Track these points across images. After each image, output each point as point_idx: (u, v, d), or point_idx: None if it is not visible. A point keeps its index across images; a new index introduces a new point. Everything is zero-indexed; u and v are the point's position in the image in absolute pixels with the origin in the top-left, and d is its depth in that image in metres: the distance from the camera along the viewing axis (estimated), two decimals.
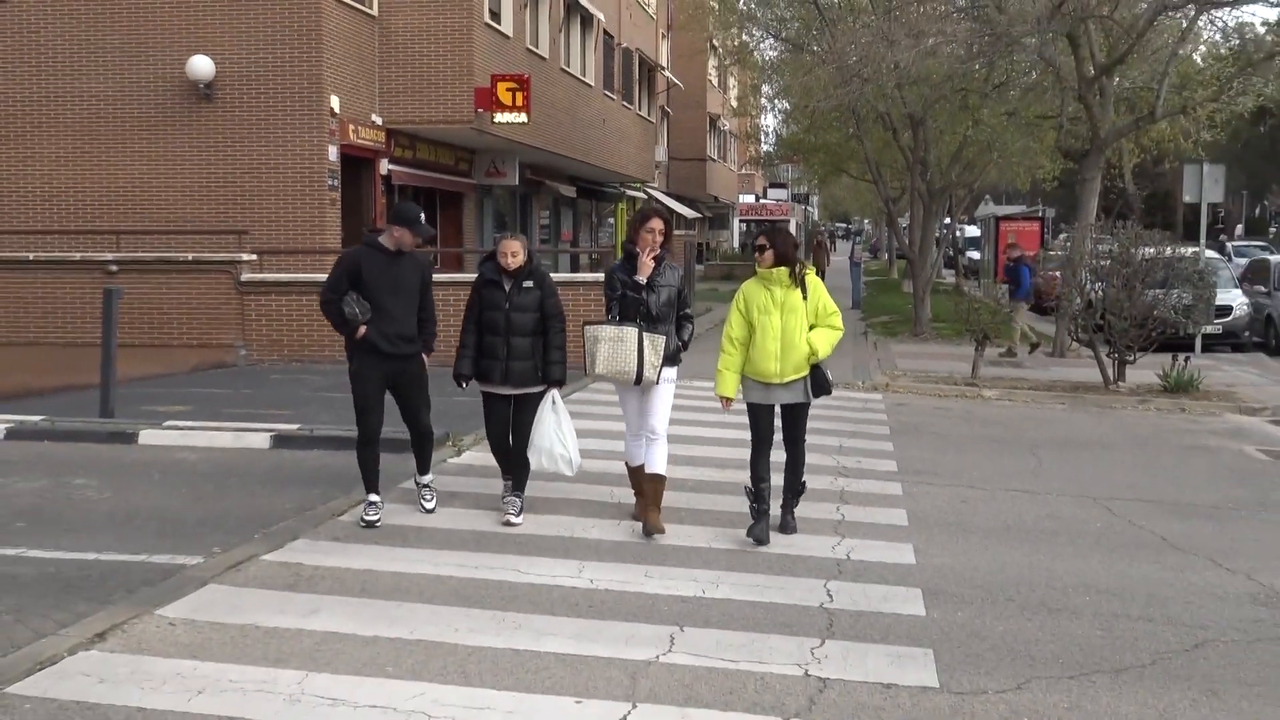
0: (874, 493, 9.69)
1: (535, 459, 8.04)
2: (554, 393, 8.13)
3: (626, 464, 8.41)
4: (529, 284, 8.13)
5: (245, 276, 17.59)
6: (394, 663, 5.59)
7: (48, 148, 19.94)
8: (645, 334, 7.82)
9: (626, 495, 8.62)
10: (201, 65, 19.12)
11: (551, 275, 8.76)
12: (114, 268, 14.29)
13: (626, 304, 7.96)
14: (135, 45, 19.59)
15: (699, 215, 57.15)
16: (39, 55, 19.89)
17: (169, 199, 19.60)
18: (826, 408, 13.76)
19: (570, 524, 8.17)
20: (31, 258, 18.66)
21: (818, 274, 8.55)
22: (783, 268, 7.77)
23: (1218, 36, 25.65)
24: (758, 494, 7.83)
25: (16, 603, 6.48)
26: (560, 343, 8.21)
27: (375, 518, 8.01)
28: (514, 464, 8.30)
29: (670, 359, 8.03)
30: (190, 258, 18.18)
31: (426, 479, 8.55)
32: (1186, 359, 16.71)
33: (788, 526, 8.02)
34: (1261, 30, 33.15)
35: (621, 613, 6.22)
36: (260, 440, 11.08)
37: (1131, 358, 16.70)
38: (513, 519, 8.14)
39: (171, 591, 6.58)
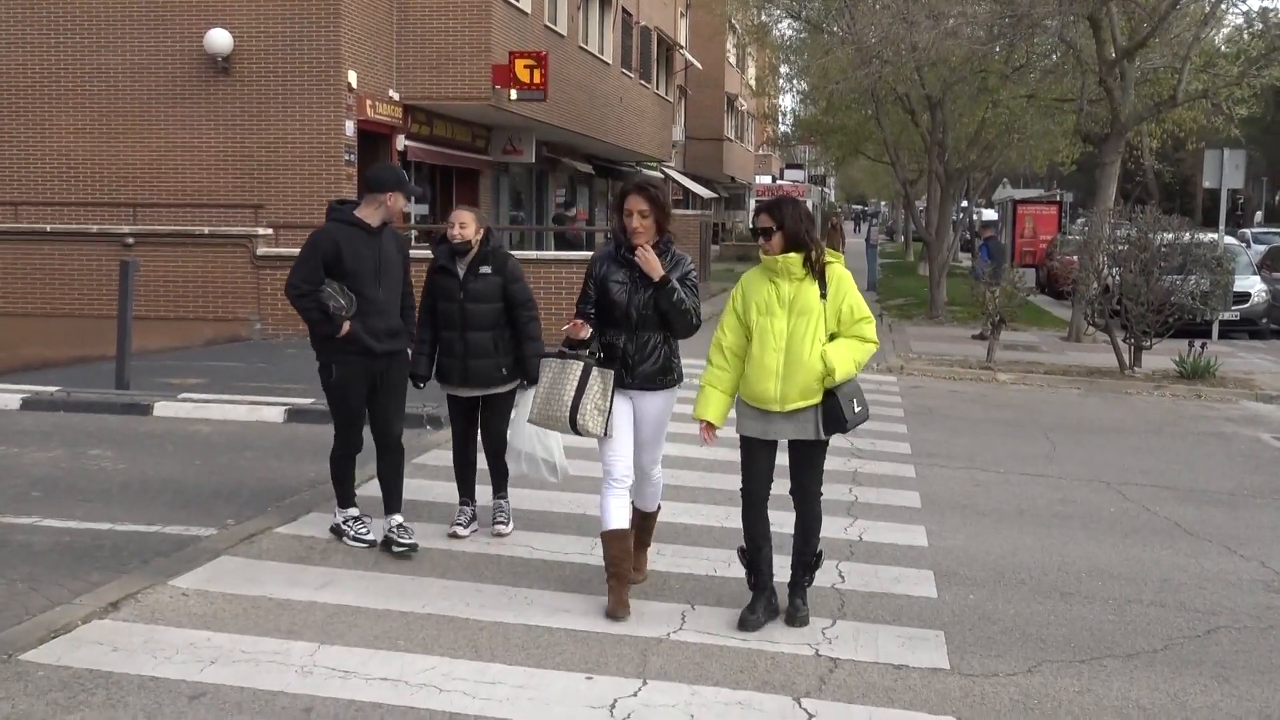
0: (887, 475, 9.68)
1: (515, 465, 7.03)
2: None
3: (601, 520, 6.22)
4: (485, 269, 6.95)
5: (261, 250, 17.59)
6: (406, 636, 5.61)
7: (65, 120, 19.97)
8: (596, 369, 5.97)
9: None
10: (219, 39, 19.10)
11: (515, 254, 7.89)
12: (131, 240, 14.29)
13: (606, 310, 6.11)
14: (153, 18, 19.59)
15: (715, 195, 57.05)
16: (57, 28, 19.90)
17: (186, 172, 19.62)
18: None
19: (583, 501, 8.15)
20: (49, 229, 18.69)
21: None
22: (794, 254, 5.66)
23: (1240, 20, 25.53)
24: (753, 563, 5.91)
25: (31, 571, 6.52)
26: (535, 333, 7.07)
27: (366, 531, 7.00)
28: (491, 469, 7.31)
29: (664, 374, 6.13)
30: (207, 231, 18.20)
31: (397, 519, 6.95)
32: (1203, 345, 16.65)
33: (797, 613, 5.87)
34: None
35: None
36: (275, 414, 11.11)
37: (1148, 343, 16.65)
38: (503, 530, 7.24)
39: (185, 562, 6.61)
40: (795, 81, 37.64)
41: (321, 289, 6.56)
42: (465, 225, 6.89)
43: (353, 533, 6.96)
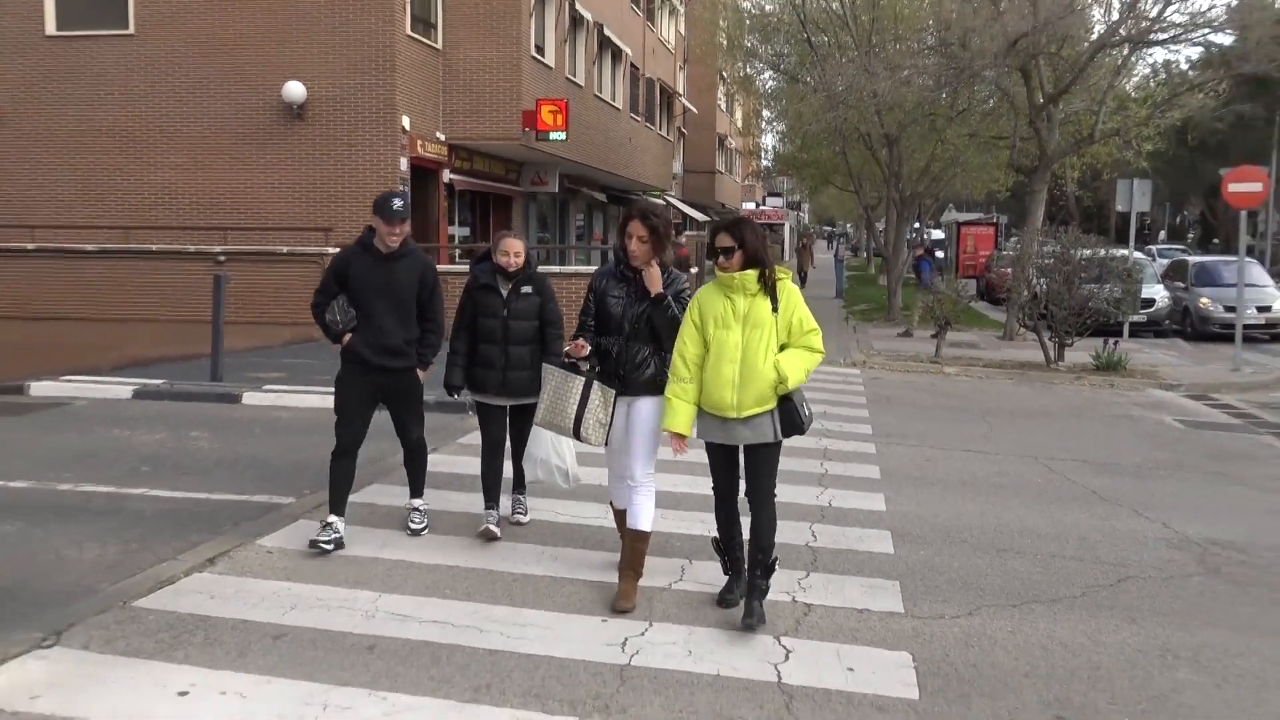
0: (852, 451, 9.69)
1: (530, 470, 6.43)
2: None
3: (611, 504, 6.02)
4: (527, 289, 6.44)
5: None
6: (451, 586, 5.63)
7: (168, 157, 20.01)
8: (597, 384, 5.60)
9: None
10: (295, 90, 19.14)
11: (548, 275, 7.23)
12: (222, 258, 14.29)
13: (603, 320, 5.66)
14: (241, 73, 19.61)
15: (709, 219, 56.92)
16: (162, 82, 19.92)
17: (267, 201, 19.65)
18: (813, 381, 13.73)
19: (601, 475, 8.15)
20: (154, 249, 18.78)
21: (800, 278, 6.92)
22: (750, 271, 5.14)
23: (1147, 70, 25.46)
24: (727, 550, 5.56)
25: (142, 533, 6.56)
26: (558, 350, 6.32)
27: (328, 541, 6.07)
28: (514, 469, 6.83)
29: (654, 382, 5.54)
30: (285, 250, 18.25)
31: (418, 503, 6.66)
32: (1116, 343, 16.68)
33: (752, 616, 5.08)
34: (1185, 66, 32.81)
35: None
36: None
37: (1070, 341, 16.63)
38: (521, 519, 6.86)
39: (269, 525, 6.65)
40: (775, 123, 37.55)
41: (330, 303, 6.21)
42: (519, 254, 6.37)
43: (316, 535, 6.16)
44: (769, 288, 5.15)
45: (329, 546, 6.06)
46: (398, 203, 6.07)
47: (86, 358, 13.57)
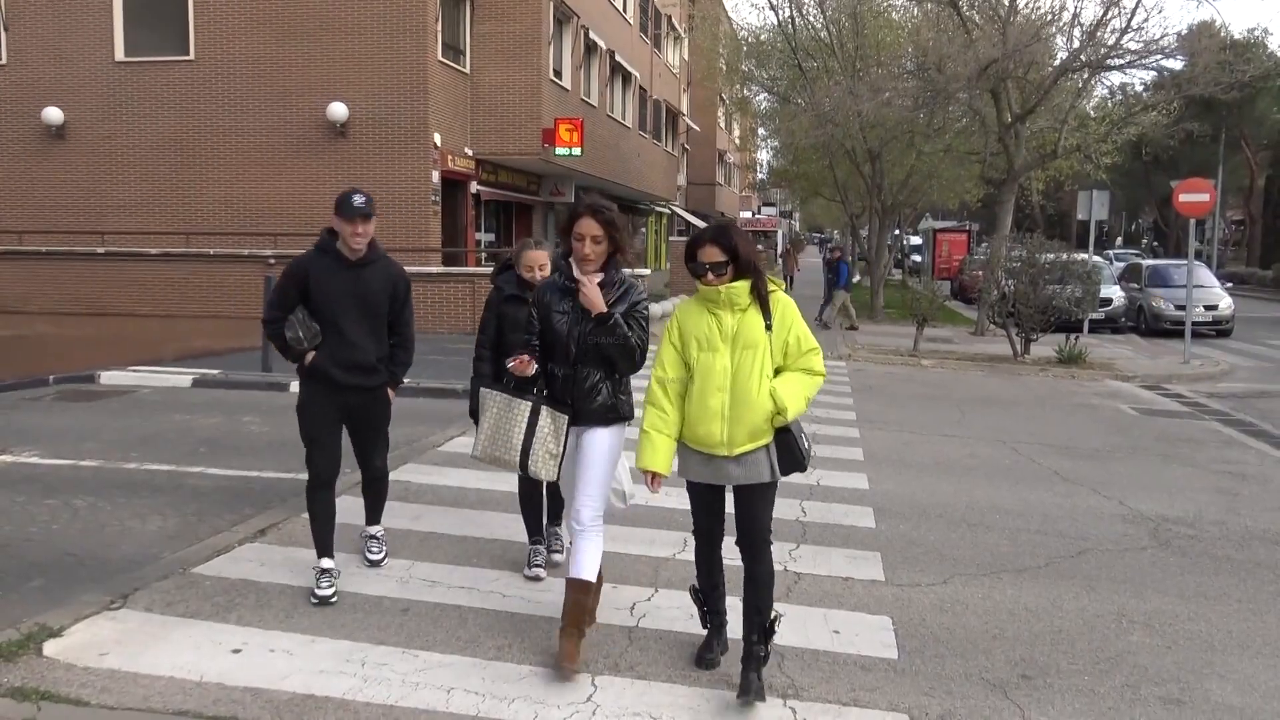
0: (838, 436, 9.66)
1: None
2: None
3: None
4: None
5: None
6: (478, 555, 5.62)
7: (224, 171, 20.01)
8: (547, 409, 4.29)
9: None
10: (338, 110, 19.11)
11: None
12: (272, 260, 14.32)
13: (549, 340, 4.33)
14: (288, 95, 19.58)
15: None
16: (219, 102, 19.90)
17: (313, 209, 19.57)
18: None
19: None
20: (211, 252, 18.80)
21: (786, 282, 5.32)
22: (739, 283, 3.89)
23: (1106, 92, 25.32)
24: (707, 600, 4.31)
25: (199, 507, 6.57)
26: None
27: (329, 592, 4.83)
28: (549, 500, 5.52)
29: (609, 411, 4.32)
30: None
31: (375, 530, 5.44)
32: (1076, 338, 16.60)
33: (749, 690, 3.89)
34: (1139, 88, 32.63)
35: (648, 522, 6.23)
36: None
37: (1035, 337, 16.58)
38: (557, 558, 5.44)
39: None
40: (769, 140, 37.55)
41: (289, 318, 4.89)
42: (544, 267, 5.07)
43: (315, 587, 4.87)
44: (762, 302, 3.93)
45: (332, 596, 4.84)
46: (358, 199, 4.90)
47: (150, 350, 13.61)
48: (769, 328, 3.92)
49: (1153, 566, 5.91)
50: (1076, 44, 19.70)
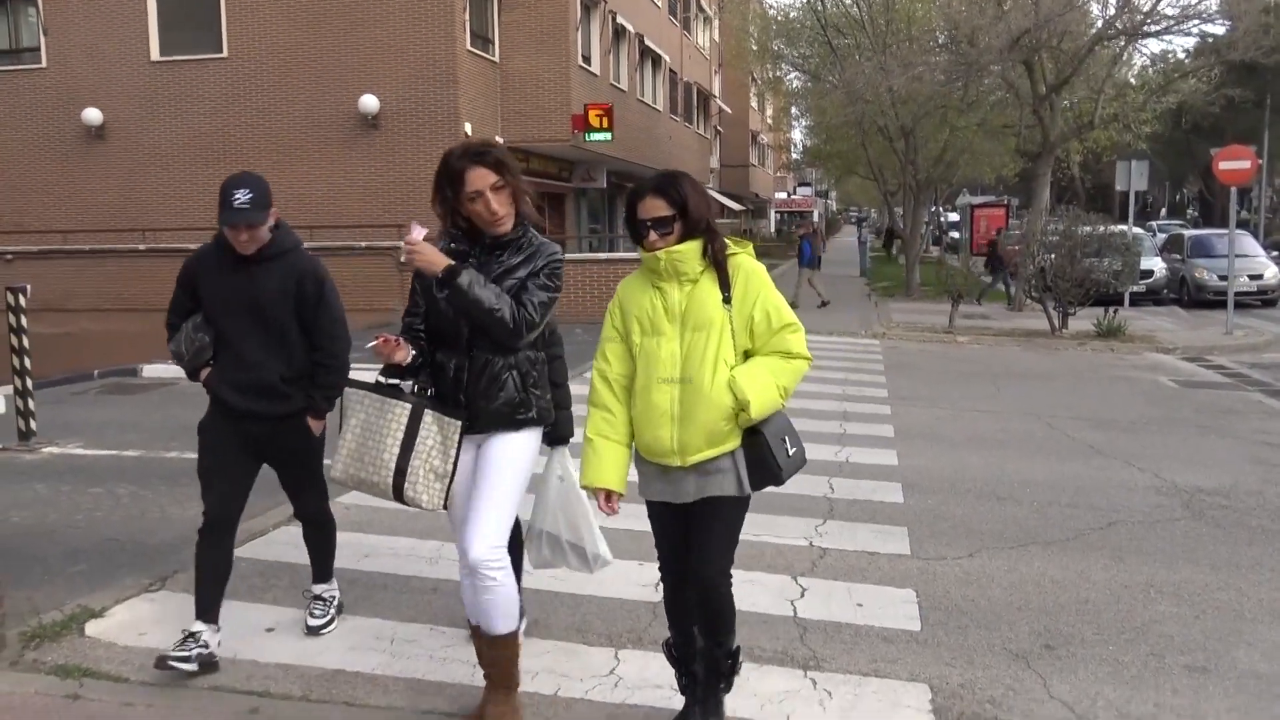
0: (869, 413, 9.64)
1: (535, 551, 4.05)
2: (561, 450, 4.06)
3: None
4: None
5: (403, 259, 17.75)
6: None
7: (258, 162, 20.15)
8: (431, 414, 3.33)
9: None
10: (370, 102, 19.32)
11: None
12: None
13: (435, 323, 3.48)
14: (321, 87, 19.80)
15: (744, 208, 56.59)
16: (252, 97, 20.19)
17: (347, 200, 19.87)
18: (834, 352, 13.68)
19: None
20: None
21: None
22: (685, 245, 3.02)
23: (1144, 60, 24.84)
24: (682, 659, 3.36)
25: None
26: (560, 378, 4.11)
27: (186, 658, 3.76)
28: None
29: (517, 410, 3.37)
30: (363, 245, 18.49)
31: (320, 589, 4.43)
32: (1116, 311, 16.38)
33: None
34: (1181, 55, 31.97)
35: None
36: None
37: (1073, 311, 16.37)
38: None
39: None
40: (801, 119, 37.29)
41: (182, 325, 4.01)
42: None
43: (173, 649, 3.81)
44: (718, 269, 3.05)
45: (188, 666, 3.75)
46: (239, 196, 3.74)
47: None
48: (727, 301, 3.03)
49: (1185, 537, 5.85)
50: (1112, 11, 19.37)
